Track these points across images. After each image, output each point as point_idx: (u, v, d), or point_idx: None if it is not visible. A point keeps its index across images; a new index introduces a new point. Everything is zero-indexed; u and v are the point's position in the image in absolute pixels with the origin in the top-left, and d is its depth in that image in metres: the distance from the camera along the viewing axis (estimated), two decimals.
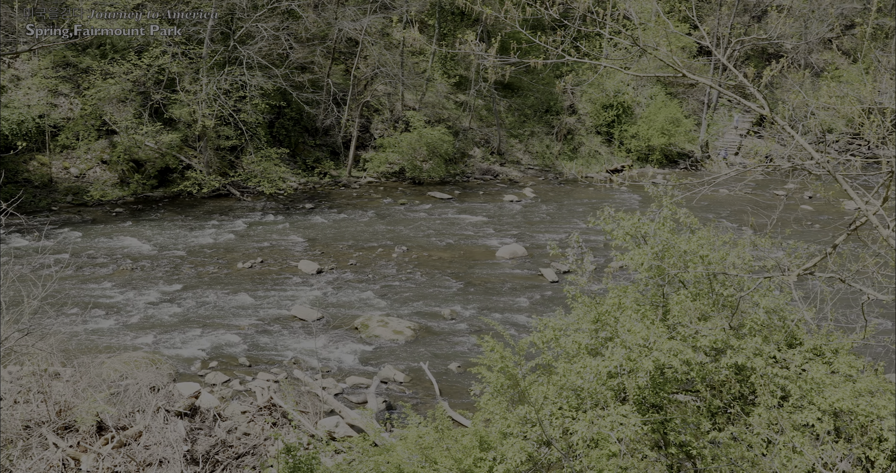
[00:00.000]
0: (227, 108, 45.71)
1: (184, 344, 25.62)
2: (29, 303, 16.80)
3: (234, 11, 48.18)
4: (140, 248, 36.00)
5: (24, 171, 44.02)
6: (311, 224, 41.01)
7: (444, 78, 58.07)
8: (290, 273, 33.00)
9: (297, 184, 49.48)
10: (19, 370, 20.78)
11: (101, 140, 46.48)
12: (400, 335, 26.35)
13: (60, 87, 47.21)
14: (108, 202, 43.96)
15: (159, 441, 17.25)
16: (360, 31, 52.01)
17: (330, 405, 21.06)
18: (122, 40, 47.32)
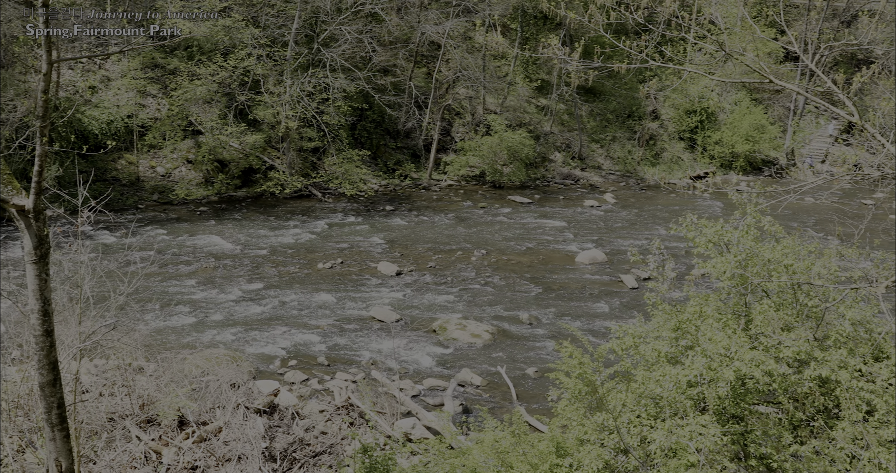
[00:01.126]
0: (310, 110, 46.22)
1: (264, 342, 25.96)
2: (115, 298, 17.17)
3: (319, 14, 48.70)
4: (223, 247, 36.60)
5: (113, 169, 45.05)
6: (390, 226, 41.27)
7: (525, 82, 57.99)
8: (369, 275, 33.25)
9: (377, 186, 49.83)
10: (105, 364, 21.27)
11: (186, 140, 47.37)
12: (478, 339, 26.37)
13: (149, 87, 48.22)
14: (192, 201, 44.78)
15: (238, 437, 17.51)
16: (442, 34, 52.21)
17: (407, 406, 21.17)
18: (209, 42, 48.14)
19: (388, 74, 53.61)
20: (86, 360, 20.75)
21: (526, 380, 23.65)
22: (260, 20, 48.98)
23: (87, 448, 16.52)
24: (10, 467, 15.80)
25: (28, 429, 16.79)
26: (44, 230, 11.77)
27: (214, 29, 46.16)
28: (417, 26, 52.39)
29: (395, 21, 53.18)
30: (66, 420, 12.61)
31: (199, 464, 16.62)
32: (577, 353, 13.53)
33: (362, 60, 51.58)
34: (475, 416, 20.86)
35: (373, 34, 50.92)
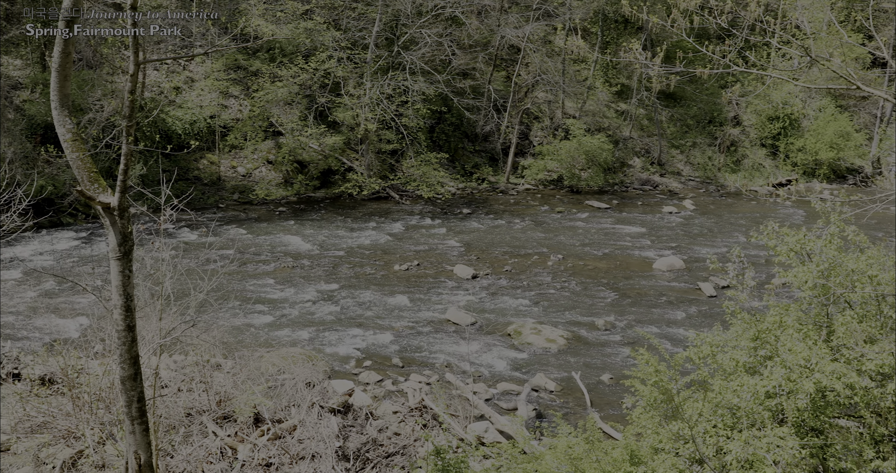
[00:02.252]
0: (389, 112, 46.51)
1: (339, 342, 26.15)
2: (195, 296, 17.46)
3: (399, 18, 49.00)
4: (301, 247, 36.99)
5: (195, 169, 45.84)
6: (467, 229, 41.31)
7: (605, 86, 57.63)
8: (445, 277, 33.31)
9: (455, 189, 49.92)
10: (183, 360, 21.63)
11: (267, 141, 48.00)
12: (552, 344, 26.24)
13: (231, 89, 48.97)
14: (272, 201, 45.36)
15: (312, 435, 17.64)
16: (522, 38, 52.12)
17: (480, 410, 21.15)
18: (291, 45, 48.72)
19: (467, 77, 53.70)
20: (165, 356, 21.12)
21: (600, 386, 23.47)
22: (341, 23, 49.45)
23: (164, 442, 16.81)
24: (91, 458, 16.15)
25: (108, 422, 17.14)
26: (128, 228, 12.02)
27: (296, 31, 46.73)
28: (497, 30, 52.40)
29: (475, 24, 53.25)
30: (145, 414, 12.85)
31: (273, 461, 16.79)
32: (653, 360, 13.38)
33: (442, 63, 51.77)
34: (548, 421, 20.77)
35: (452, 37, 51.08)
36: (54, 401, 18.50)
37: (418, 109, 47.59)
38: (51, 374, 20.01)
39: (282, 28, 46.39)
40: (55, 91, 11.98)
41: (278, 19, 47.08)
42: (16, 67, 46.53)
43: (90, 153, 12.27)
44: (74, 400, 17.51)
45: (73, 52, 11.87)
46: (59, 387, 19.45)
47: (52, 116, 12.25)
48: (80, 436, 16.99)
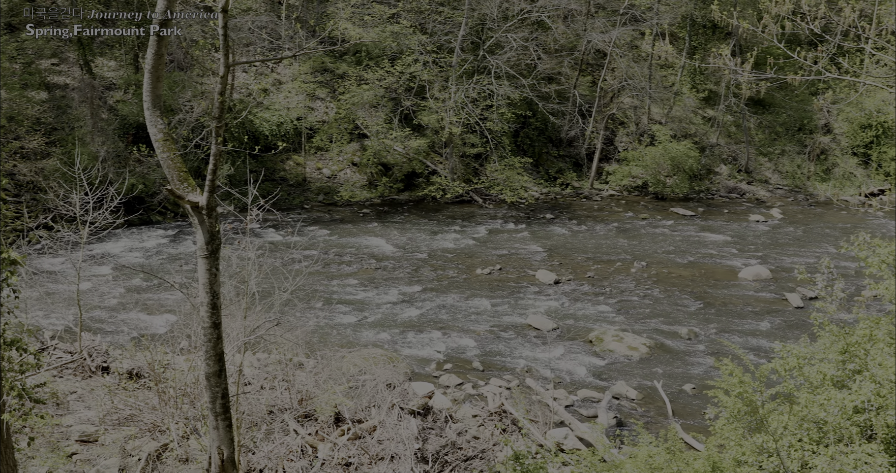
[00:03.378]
0: (473, 116, 46.56)
1: (420, 345, 26.24)
2: (280, 295, 17.67)
3: (485, 22, 49.05)
4: (384, 248, 37.22)
5: (281, 170, 46.43)
6: (550, 234, 41.14)
7: (692, 92, 56.90)
8: (527, 282, 33.21)
9: (538, 193, 49.76)
10: (267, 358, 21.91)
11: (352, 143, 48.41)
12: (634, 352, 25.98)
13: (318, 91, 49.51)
14: (356, 203, 45.73)
15: (392, 436, 17.72)
16: (608, 42, 51.76)
17: (560, 416, 21.03)
18: (377, 48, 49.10)
19: (552, 81, 53.50)
20: (249, 353, 21.42)
21: (682, 396, 23.16)
22: (427, 27, 49.70)
23: (246, 439, 17.04)
24: (175, 452, 16.44)
25: (193, 417, 17.43)
26: (215, 227, 12.20)
27: (383, 35, 47.08)
28: (583, 34, 52.12)
29: (561, 29, 53.04)
30: (229, 411, 13.03)
31: (352, 461, 16.90)
32: (737, 371, 13.16)
33: (527, 68, 51.67)
34: (629, 430, 20.55)
35: (538, 42, 50.97)
36: (141, 395, 18.88)
37: (503, 113, 47.56)
38: (138, 368, 20.43)
39: (368, 31, 46.79)
40: (148, 92, 12.23)
41: (365, 23, 47.49)
42: (110, 68, 47.69)
43: (180, 153, 12.50)
44: (160, 394, 17.85)
45: (165, 54, 12.11)
46: (145, 381, 19.85)
47: (143, 117, 12.50)
48: (165, 430, 17.31)
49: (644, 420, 21.17)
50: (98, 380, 20.51)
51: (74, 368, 21.05)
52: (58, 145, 40.64)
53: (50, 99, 43.50)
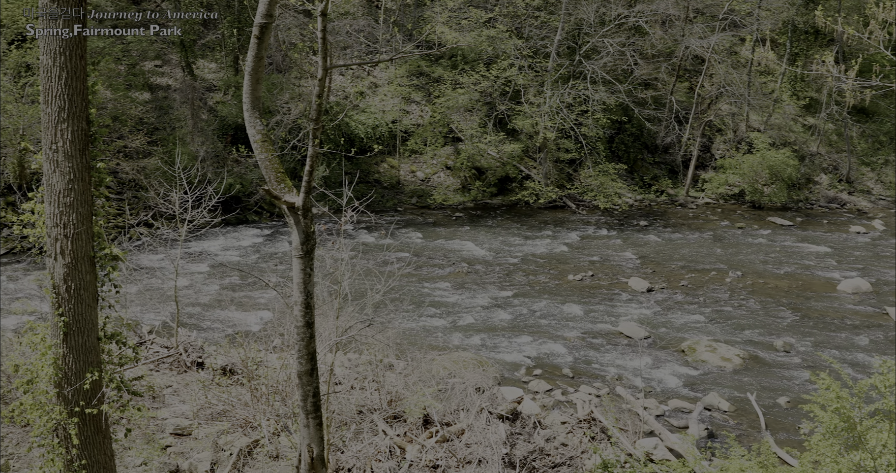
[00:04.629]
0: (568, 121, 46.34)
1: (510, 349, 26.17)
2: (372, 296, 17.79)
3: (582, 26, 48.79)
4: (476, 252, 37.24)
5: (375, 172, 46.81)
6: (643, 242, 40.70)
7: (792, 99, 55.75)
8: (619, 289, 32.90)
9: (632, 200, 49.29)
10: (357, 358, 22.09)
11: (446, 147, 48.57)
12: (727, 363, 25.53)
13: (413, 94, 49.79)
14: (448, 206, 45.86)
15: (480, 440, 17.70)
16: (707, 48, 51.00)
17: (650, 425, 20.77)
18: (473, 52, 49.19)
19: (648, 87, 52.98)
20: (340, 353, 21.61)
21: (776, 409, 22.67)
22: (523, 31, 49.64)
23: (336, 438, 17.20)
24: (266, 448, 16.67)
25: (284, 414, 17.66)
26: (310, 227, 12.34)
27: (479, 39, 47.14)
28: (681, 40, 51.48)
29: (659, 34, 52.47)
30: (320, 409, 13.16)
31: (440, 463, 16.93)
32: (834, 386, 12.83)
33: (623, 73, 51.24)
34: (720, 442, 20.20)
35: (635, 47, 50.50)
36: (234, 391, 19.20)
37: (598, 118, 47.24)
38: (231, 365, 20.78)
39: (465, 35, 46.90)
40: (247, 94, 12.42)
41: (461, 27, 47.62)
42: (210, 70, 48.68)
43: (277, 154, 12.66)
44: (252, 391, 18.12)
45: (264, 57, 12.29)
46: (238, 378, 20.18)
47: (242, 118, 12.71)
48: (257, 426, 17.56)
49: (736, 433, 20.79)
50: (193, 375, 20.92)
51: (170, 362, 21.51)
52: (159, 145, 41.62)
53: (153, 100, 44.58)
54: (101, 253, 11.65)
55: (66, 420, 11.61)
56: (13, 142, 35.97)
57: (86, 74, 10.97)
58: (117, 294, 12.42)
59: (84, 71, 10.89)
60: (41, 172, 11.14)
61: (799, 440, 19.57)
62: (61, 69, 10.67)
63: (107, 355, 12.21)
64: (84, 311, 11.51)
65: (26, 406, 11.71)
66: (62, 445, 11.81)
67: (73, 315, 11.42)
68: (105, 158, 12.47)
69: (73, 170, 10.93)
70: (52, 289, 11.33)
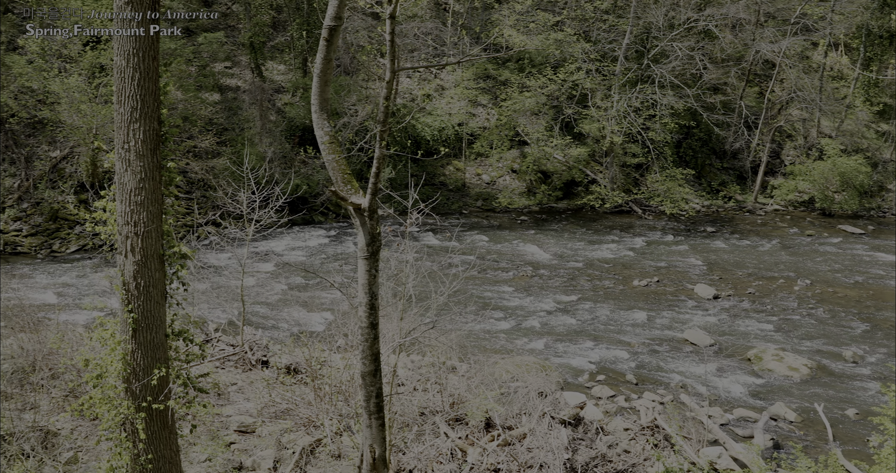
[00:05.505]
0: (635, 125, 46.00)
1: (573, 354, 26.03)
2: (436, 298, 17.81)
3: (650, 30, 48.39)
4: (540, 256, 37.12)
5: (441, 174, 46.89)
6: (710, 248, 40.22)
7: (865, 105, 54.69)
8: (685, 296, 32.56)
9: (699, 206, 48.76)
10: (420, 360, 22.12)
11: (512, 150, 48.50)
12: (795, 373, 25.12)
13: (479, 97, 49.80)
14: (513, 210, 45.79)
15: (541, 445, 17.61)
16: (778, 53, 50.27)
17: (714, 434, 20.51)
18: (540, 55, 49.07)
19: (717, 92, 52.38)
20: (403, 355, 21.66)
21: (844, 421, 22.25)
22: (591, 35, 49.39)
23: (398, 439, 17.24)
24: (328, 447, 16.77)
25: (346, 414, 17.75)
26: (376, 229, 12.38)
27: (546, 42, 47.02)
28: (752, 44, 50.81)
29: (729, 38, 51.86)
30: (382, 410, 13.20)
31: (501, 467, 16.88)
32: None
33: (692, 77, 50.71)
34: (786, 453, 19.88)
35: (704, 51, 49.94)
36: (297, 390, 19.34)
37: (666, 123, 46.81)
38: (295, 364, 20.94)
39: (532, 39, 46.82)
40: (316, 95, 12.51)
41: (529, 30, 47.53)
42: (279, 72, 49.17)
43: (344, 156, 12.73)
44: (316, 391, 18.24)
45: (333, 59, 12.36)
46: (302, 377, 20.32)
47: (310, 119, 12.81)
48: (319, 425, 17.67)
49: (803, 444, 20.44)
50: (257, 373, 21.12)
51: (236, 360, 21.74)
52: (228, 145, 42.14)
53: (222, 100, 45.15)
54: (170, 251, 11.81)
55: (133, 415, 11.79)
56: (87, 141, 36.72)
57: (158, 75, 11.13)
58: (185, 292, 12.59)
59: (156, 72, 11.06)
60: (113, 170, 11.33)
61: (868, 453, 19.20)
62: (134, 70, 10.84)
63: (174, 351, 12.38)
64: (153, 308, 11.68)
65: (95, 400, 11.91)
66: (129, 439, 11.99)
67: (142, 312, 11.59)
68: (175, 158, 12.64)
69: (144, 169, 11.10)
70: (122, 286, 11.52)
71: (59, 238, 36.32)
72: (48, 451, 15.90)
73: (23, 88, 38.12)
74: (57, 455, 15.82)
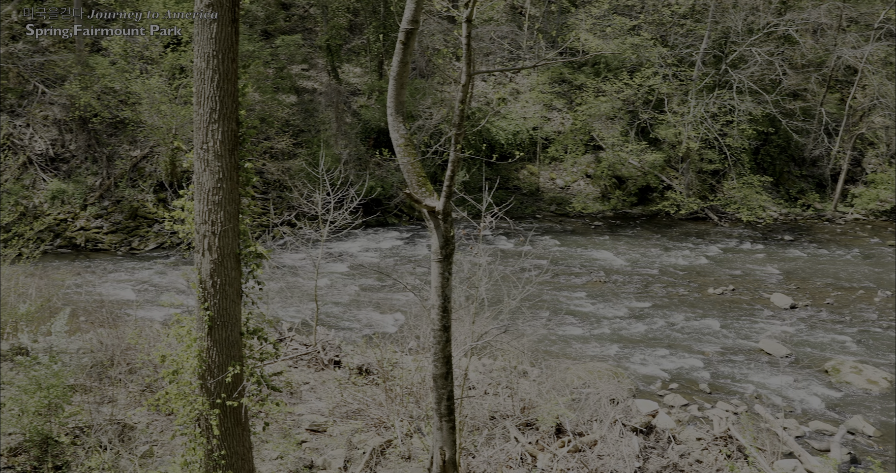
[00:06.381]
0: (712, 131, 45.44)
1: (646, 362, 25.78)
2: (508, 303, 17.76)
3: (729, 35, 47.76)
4: (614, 262, 36.85)
5: (515, 178, 46.82)
6: (787, 257, 39.54)
7: None
8: (760, 305, 32.05)
9: (776, 214, 47.98)
10: (491, 364, 22.08)
11: (587, 155, 48.26)
12: (874, 386, 24.55)
13: (554, 102, 49.63)
14: (587, 215, 45.53)
15: (612, 453, 17.47)
16: (860, 58, 49.26)
17: (789, 446, 20.14)
18: (616, 60, 48.77)
19: (797, 98, 51.50)
20: (475, 358, 21.66)
21: None
22: (668, 39, 48.93)
23: (468, 442, 17.22)
24: (399, 448, 16.82)
25: (417, 416, 17.78)
26: (450, 232, 12.39)
27: (622, 47, 46.70)
28: (833, 50, 49.87)
29: (810, 43, 50.97)
30: (453, 413, 13.19)
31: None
32: None
33: (771, 83, 49.94)
34: (864, 468, 19.45)
35: (784, 56, 49.15)
36: (369, 391, 19.44)
37: (743, 129, 46.15)
38: (367, 365, 21.05)
39: (608, 43, 46.54)
40: (391, 98, 12.56)
41: (605, 34, 47.24)
42: (355, 74, 49.53)
43: (419, 159, 12.76)
44: (387, 392, 18.32)
45: (409, 62, 12.40)
46: (373, 378, 20.42)
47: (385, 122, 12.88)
48: (390, 426, 17.73)
49: (881, 460, 19.98)
50: (329, 373, 21.28)
51: (309, 360, 21.93)
52: (304, 147, 42.57)
53: (299, 102, 45.63)
54: (247, 251, 11.95)
55: (207, 411, 11.95)
56: (166, 141, 37.38)
57: (237, 77, 11.27)
58: (260, 291, 12.72)
59: (235, 74, 11.20)
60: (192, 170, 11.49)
61: None
62: (214, 72, 10.98)
63: (248, 350, 12.52)
64: (228, 306, 11.82)
65: (171, 396, 12.09)
66: (203, 435, 12.15)
67: (218, 310, 11.74)
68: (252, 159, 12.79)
69: (222, 169, 11.24)
70: (198, 284, 11.68)
71: (138, 236, 37.05)
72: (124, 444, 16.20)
73: (105, 88, 38.97)
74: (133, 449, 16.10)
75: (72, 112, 39.36)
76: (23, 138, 39.25)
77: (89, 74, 38.88)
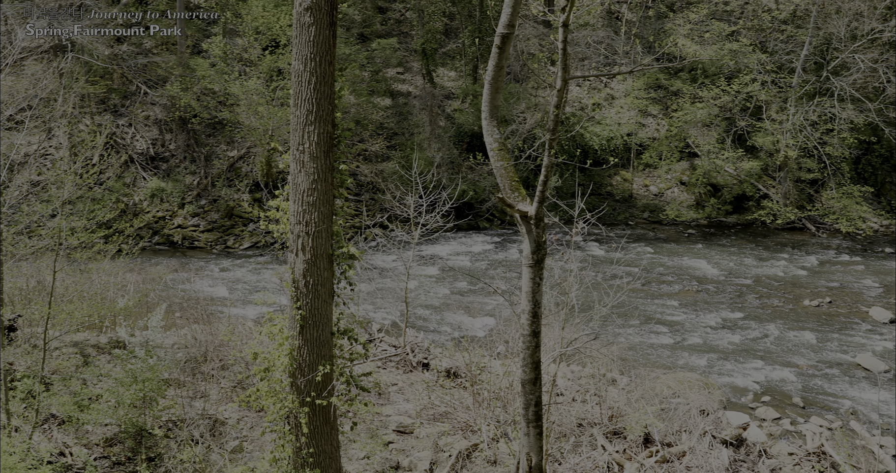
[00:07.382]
0: (812, 139, 44.46)
1: (737, 373, 25.35)
2: (598, 309, 17.64)
3: (831, 41, 46.67)
4: (707, 271, 36.32)
5: (608, 185, 46.48)
6: (888, 270, 38.47)
7: None
8: (858, 318, 31.25)
9: (878, 225, 46.72)
10: (580, 371, 21.96)
11: (681, 162, 47.66)
12: None
13: (650, 107, 49.13)
14: (681, 223, 44.96)
15: (701, 464, 17.22)
16: None
17: (885, 465, 19.59)
18: (714, 66, 48.07)
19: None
20: (563, 364, 21.56)
21: None
22: (767, 45, 48.05)
23: (554, 449, 17.15)
24: (485, 453, 16.83)
25: (504, 421, 17.77)
26: (542, 237, 12.36)
27: (720, 52, 45.99)
28: None
29: None
30: (541, 419, 13.15)
31: None
32: None
33: (874, 91, 48.66)
34: None
35: (889, 64, 47.85)
36: (456, 394, 19.50)
37: (844, 138, 45.06)
38: (455, 368, 21.11)
39: (706, 49, 45.89)
40: (486, 102, 12.59)
41: (703, 40, 46.59)
42: (450, 78, 49.72)
43: (512, 163, 12.76)
44: (475, 396, 18.34)
45: (504, 66, 12.41)
46: (461, 381, 20.48)
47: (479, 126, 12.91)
48: (477, 430, 17.76)
49: None
50: (418, 375, 21.40)
51: (397, 361, 22.08)
52: (397, 150, 42.89)
53: (393, 105, 45.99)
54: (339, 251, 12.09)
55: (297, 409, 12.12)
56: (262, 142, 38.03)
57: (333, 80, 11.41)
58: (351, 292, 12.86)
59: (332, 76, 11.34)
60: (287, 171, 11.68)
61: None
62: (311, 74, 11.14)
63: (338, 349, 12.66)
64: (320, 306, 11.98)
65: (262, 393, 12.30)
66: (292, 432, 12.33)
67: (310, 309, 11.90)
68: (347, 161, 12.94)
69: (317, 170, 11.40)
70: (291, 283, 11.85)
71: (233, 235, 37.78)
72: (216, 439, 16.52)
73: (205, 90, 39.83)
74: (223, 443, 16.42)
75: (172, 112, 40.34)
76: (125, 138, 40.36)
77: (190, 76, 39.78)
